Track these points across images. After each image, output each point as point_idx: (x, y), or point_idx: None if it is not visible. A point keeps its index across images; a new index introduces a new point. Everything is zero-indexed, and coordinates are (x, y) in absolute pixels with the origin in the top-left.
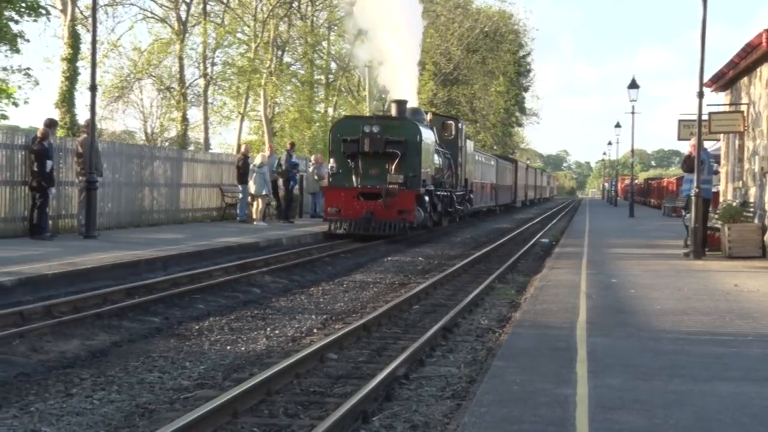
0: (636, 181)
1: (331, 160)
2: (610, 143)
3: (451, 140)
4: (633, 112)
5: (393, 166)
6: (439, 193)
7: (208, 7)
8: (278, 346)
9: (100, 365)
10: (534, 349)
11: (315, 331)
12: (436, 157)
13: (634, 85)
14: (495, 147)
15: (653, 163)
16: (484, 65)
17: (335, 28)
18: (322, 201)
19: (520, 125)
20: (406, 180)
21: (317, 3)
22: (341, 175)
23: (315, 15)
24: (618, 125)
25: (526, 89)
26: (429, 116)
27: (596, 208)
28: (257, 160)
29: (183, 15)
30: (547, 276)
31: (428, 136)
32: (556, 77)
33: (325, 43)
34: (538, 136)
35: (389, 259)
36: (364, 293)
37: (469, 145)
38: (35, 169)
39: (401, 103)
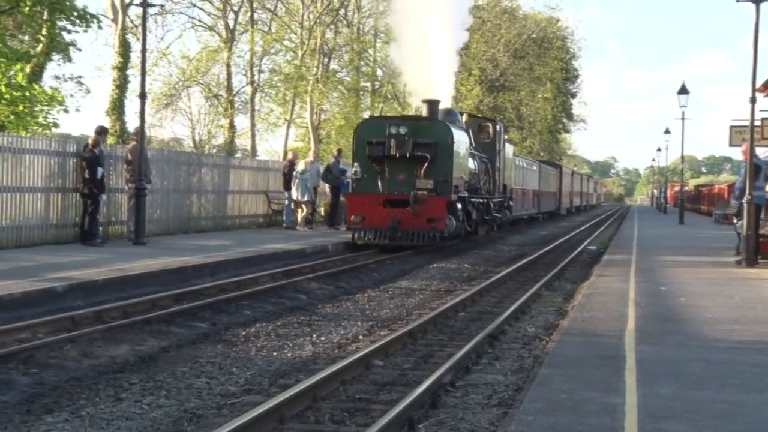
0: (686, 188)
1: (355, 164)
2: (659, 149)
3: (488, 143)
4: (683, 118)
5: (422, 171)
6: (474, 200)
7: (256, 16)
8: (324, 352)
9: (149, 370)
10: (581, 358)
11: (361, 337)
12: (470, 161)
13: (684, 90)
14: (542, 153)
15: (704, 169)
16: (531, 71)
17: (381, 35)
18: None
19: (567, 132)
20: (436, 186)
21: (364, 10)
22: (365, 181)
23: (361, 22)
24: (667, 131)
25: (573, 95)
26: (464, 118)
27: (645, 215)
28: (299, 166)
29: (231, 23)
30: (594, 283)
31: (461, 138)
32: (605, 83)
33: (371, 50)
34: (586, 142)
35: (435, 266)
36: (410, 300)
37: (509, 149)
38: (86, 176)
39: (433, 103)
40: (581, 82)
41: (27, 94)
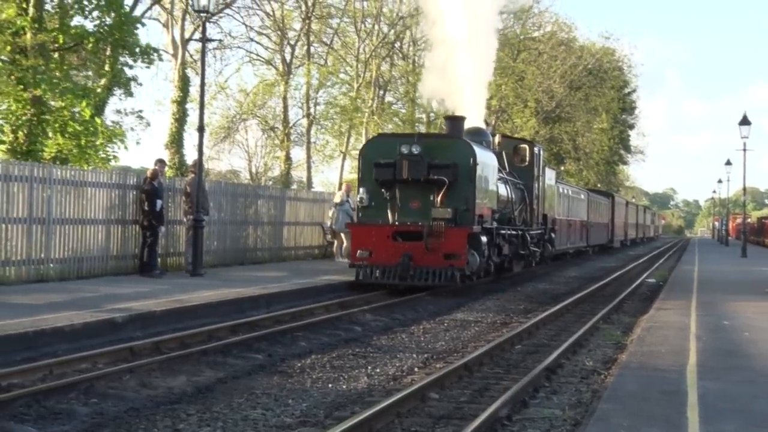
0: (748, 220)
1: (361, 190)
2: (720, 181)
3: (524, 168)
4: (744, 149)
5: (439, 198)
6: (504, 231)
7: (312, 49)
8: (379, 384)
9: (206, 401)
10: (641, 393)
11: (416, 370)
12: (501, 186)
13: (745, 121)
14: (599, 185)
15: (767, 201)
16: (587, 102)
17: None
18: None
19: (624, 163)
20: (455, 215)
21: (419, 43)
22: (373, 209)
23: (417, 54)
24: (729, 162)
25: (631, 127)
26: (497, 139)
27: (706, 248)
28: (336, 198)
29: (288, 57)
30: (654, 317)
31: (487, 159)
32: (664, 114)
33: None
34: (645, 174)
35: (491, 298)
36: (465, 332)
37: (550, 174)
38: (146, 208)
39: (456, 120)
40: (639, 113)
41: (90, 128)
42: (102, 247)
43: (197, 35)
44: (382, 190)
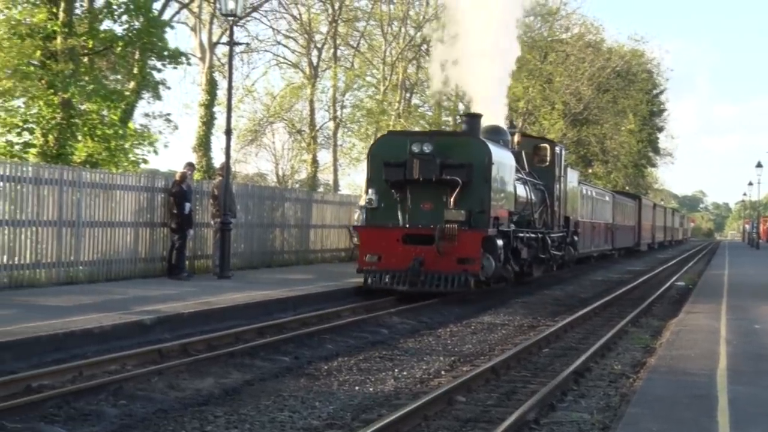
0: None
1: (370, 191)
2: (750, 183)
3: (545, 168)
4: None
5: (452, 199)
6: (522, 234)
7: (339, 52)
8: (406, 387)
9: (233, 403)
10: (671, 397)
11: (443, 372)
12: (520, 187)
13: None
14: (627, 187)
15: None
16: (615, 104)
17: None
18: None
19: (653, 166)
20: (469, 217)
21: (446, 45)
22: (383, 211)
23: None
24: (759, 165)
25: (660, 129)
26: (516, 138)
27: (736, 251)
28: (362, 200)
29: (314, 60)
30: (683, 321)
31: (504, 158)
32: (693, 116)
33: (453, 84)
34: (673, 176)
35: (518, 301)
36: (492, 335)
37: (572, 175)
38: (174, 211)
39: (473, 118)
40: (668, 115)
41: (119, 131)
42: (130, 249)
43: (225, 39)
44: (392, 191)
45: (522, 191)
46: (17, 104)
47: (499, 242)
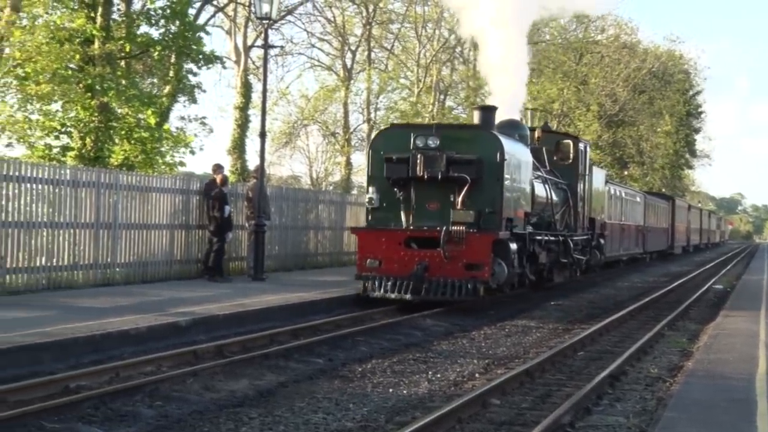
0: None
1: (370, 189)
2: None
3: (568, 166)
4: None
5: (459, 198)
6: (541, 237)
7: (373, 55)
8: (440, 389)
9: (268, 405)
10: (708, 401)
11: (477, 375)
12: (539, 186)
13: None
14: (663, 190)
15: None
16: (651, 105)
17: None
18: None
19: (690, 168)
20: (479, 218)
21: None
22: (384, 212)
23: (477, 59)
24: None
25: (697, 130)
26: (537, 133)
27: None
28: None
29: (348, 62)
30: (721, 324)
31: (519, 153)
32: (732, 117)
33: (487, 87)
34: (711, 179)
35: (552, 303)
36: (527, 338)
37: (598, 174)
38: (215, 214)
39: (487, 110)
40: (705, 116)
41: (156, 134)
42: (166, 251)
43: (259, 42)
44: (395, 189)
45: (541, 190)
46: (55, 108)
47: (513, 246)
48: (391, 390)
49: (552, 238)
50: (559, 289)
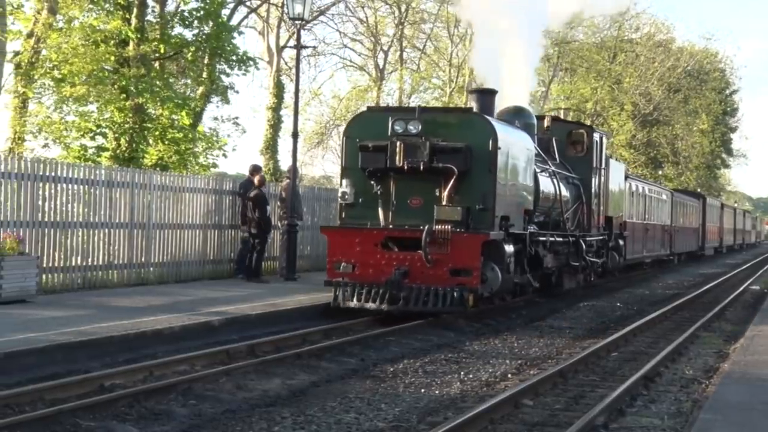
0: None
1: (344, 183)
2: None
3: (581, 158)
4: None
5: (445, 193)
6: (545, 238)
7: (405, 55)
8: (472, 390)
9: (300, 404)
10: (745, 403)
11: (509, 376)
12: (545, 180)
13: None
14: (699, 189)
15: None
16: (686, 104)
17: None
18: None
19: (726, 167)
20: (467, 216)
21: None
22: (360, 208)
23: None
24: None
25: (733, 129)
26: (546, 121)
27: None
28: None
29: (380, 62)
30: (758, 325)
31: (518, 141)
32: None
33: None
34: (748, 178)
35: (585, 304)
36: (560, 339)
37: (617, 168)
38: (256, 215)
39: (485, 94)
40: (742, 115)
41: (189, 135)
42: (199, 251)
43: (292, 42)
44: (372, 182)
45: (548, 185)
46: (91, 109)
47: (509, 248)
48: (423, 390)
49: (560, 239)
50: (591, 290)
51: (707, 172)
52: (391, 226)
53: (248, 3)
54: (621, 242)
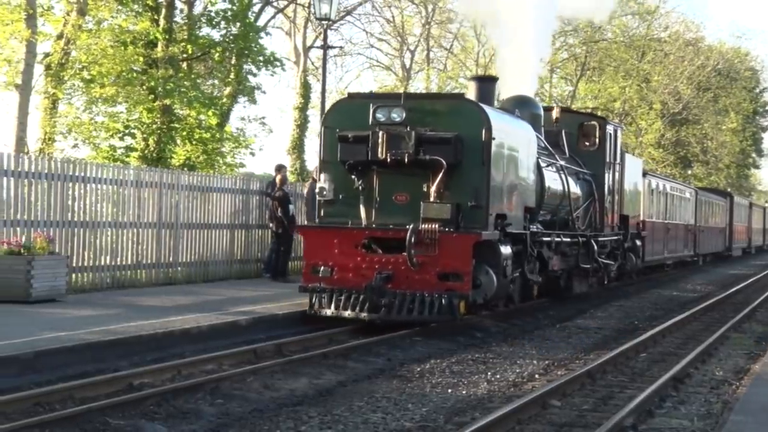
0: None
1: (322, 177)
2: None
3: (593, 153)
4: None
5: (433, 188)
6: (550, 239)
7: (432, 54)
8: (499, 390)
9: (327, 404)
10: None
11: (537, 376)
12: (551, 175)
13: None
14: (729, 189)
15: None
16: (716, 103)
17: (557, 70)
18: None
19: (757, 167)
20: (457, 214)
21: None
22: (340, 205)
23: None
24: None
25: (764, 129)
26: (555, 112)
27: None
28: None
29: (407, 62)
30: None
31: (516, 131)
32: None
33: (546, 86)
34: None
35: (614, 304)
36: (588, 339)
37: (634, 163)
38: (279, 214)
39: (485, 82)
40: None
41: (216, 135)
42: (226, 251)
43: (319, 42)
44: (353, 176)
45: (554, 181)
46: (120, 110)
47: (506, 250)
48: (449, 390)
49: (567, 240)
50: (621, 289)
51: (737, 172)
52: (373, 225)
53: (275, 3)
54: (638, 243)
